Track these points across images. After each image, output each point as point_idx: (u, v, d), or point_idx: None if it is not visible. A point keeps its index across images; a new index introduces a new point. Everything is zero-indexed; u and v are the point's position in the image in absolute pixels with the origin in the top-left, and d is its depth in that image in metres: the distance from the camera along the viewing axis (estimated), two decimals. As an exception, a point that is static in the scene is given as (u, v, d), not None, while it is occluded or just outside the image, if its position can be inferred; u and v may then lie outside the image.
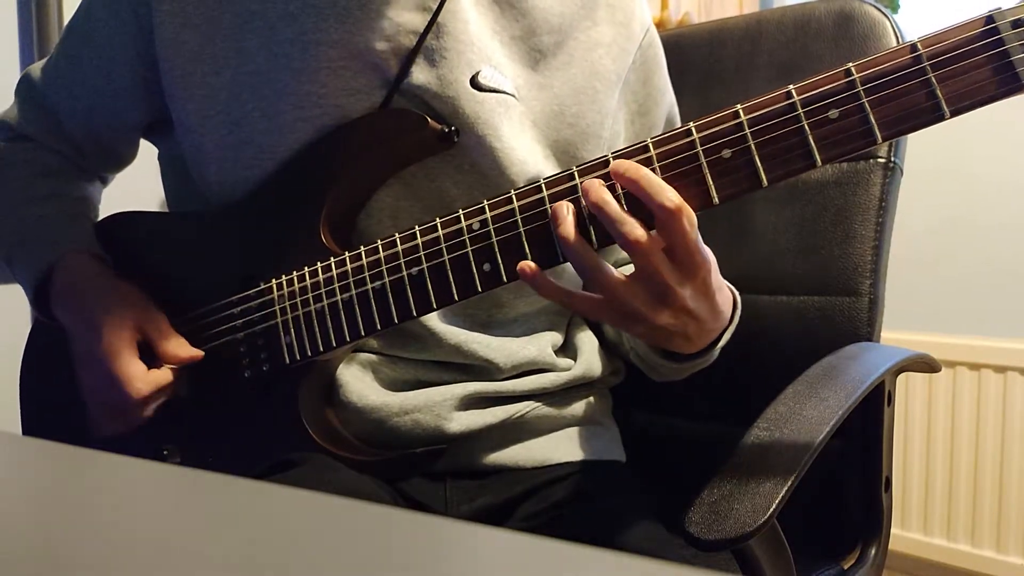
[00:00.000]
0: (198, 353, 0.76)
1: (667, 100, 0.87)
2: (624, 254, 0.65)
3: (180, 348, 0.75)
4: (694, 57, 0.89)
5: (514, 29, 0.78)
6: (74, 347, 0.78)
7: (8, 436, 0.39)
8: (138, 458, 0.35)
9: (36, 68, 0.91)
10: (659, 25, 1.93)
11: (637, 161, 0.63)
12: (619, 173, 0.61)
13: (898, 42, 0.88)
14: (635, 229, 0.60)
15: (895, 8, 2.29)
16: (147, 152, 0.91)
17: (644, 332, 0.66)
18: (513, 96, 0.75)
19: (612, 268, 0.63)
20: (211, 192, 0.79)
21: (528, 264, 0.63)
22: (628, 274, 0.62)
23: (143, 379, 0.73)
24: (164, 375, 0.75)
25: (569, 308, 0.67)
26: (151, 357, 0.75)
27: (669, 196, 0.59)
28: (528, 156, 0.75)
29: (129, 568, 0.23)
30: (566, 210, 0.63)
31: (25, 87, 0.91)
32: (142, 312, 0.76)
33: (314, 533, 0.26)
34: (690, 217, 0.60)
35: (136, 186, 1.01)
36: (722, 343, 0.74)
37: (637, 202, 0.61)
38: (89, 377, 0.77)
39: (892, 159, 0.88)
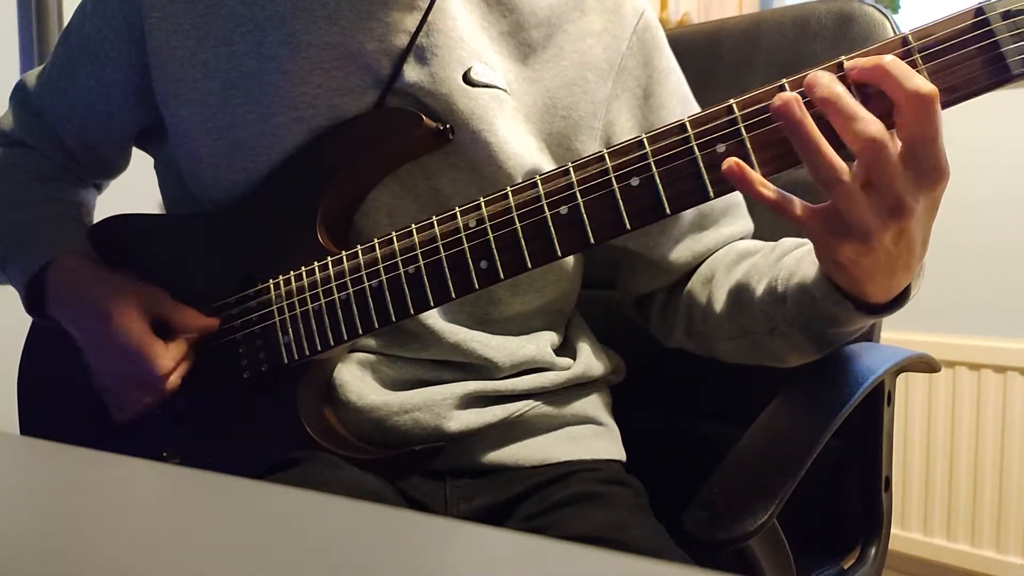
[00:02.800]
0: (214, 321, 0.77)
1: (673, 79, 0.85)
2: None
3: (195, 317, 0.77)
4: (693, 58, 0.89)
5: (502, 25, 0.78)
6: (81, 339, 0.78)
7: (7, 436, 0.39)
8: (138, 458, 0.35)
9: (31, 76, 0.92)
10: (659, 25, 1.92)
11: (634, 156, 0.63)
12: (863, 66, 0.56)
13: (897, 42, 0.88)
14: (871, 125, 0.54)
15: (895, 8, 2.30)
16: (145, 156, 0.91)
17: (854, 257, 0.58)
18: (505, 91, 0.76)
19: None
20: (207, 196, 0.79)
21: (734, 161, 0.58)
22: (861, 181, 0.56)
23: (165, 354, 0.74)
24: (183, 347, 0.76)
25: (783, 214, 0.59)
26: (163, 334, 0.76)
27: (921, 80, 0.53)
28: (523, 150, 0.75)
29: (129, 568, 0.23)
30: (797, 105, 0.55)
31: (20, 94, 0.92)
32: (145, 292, 0.77)
33: (314, 533, 0.26)
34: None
35: (135, 190, 1.01)
36: (914, 292, 0.65)
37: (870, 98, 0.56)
38: (106, 363, 0.78)
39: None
